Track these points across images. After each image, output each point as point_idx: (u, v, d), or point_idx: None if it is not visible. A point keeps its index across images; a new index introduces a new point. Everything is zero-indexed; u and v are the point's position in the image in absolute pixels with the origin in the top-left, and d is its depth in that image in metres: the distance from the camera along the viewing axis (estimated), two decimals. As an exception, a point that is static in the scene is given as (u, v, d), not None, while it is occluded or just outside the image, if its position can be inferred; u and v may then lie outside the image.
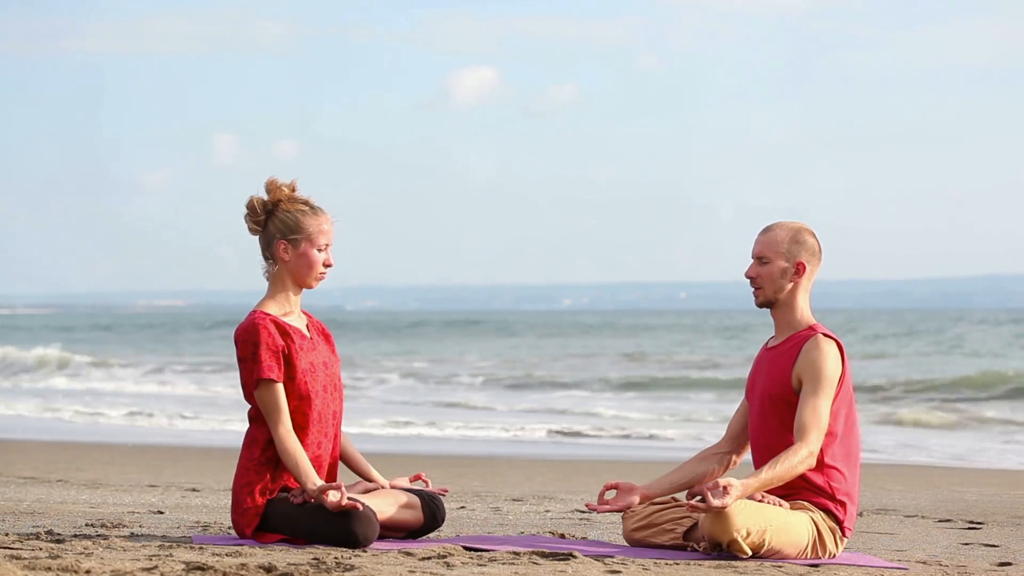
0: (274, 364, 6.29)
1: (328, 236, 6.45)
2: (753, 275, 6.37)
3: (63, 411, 24.37)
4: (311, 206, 6.44)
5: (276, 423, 6.27)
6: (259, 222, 6.44)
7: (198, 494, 9.70)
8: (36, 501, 8.75)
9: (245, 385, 6.35)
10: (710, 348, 57.96)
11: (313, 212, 6.43)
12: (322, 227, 6.42)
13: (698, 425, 22.73)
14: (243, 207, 6.45)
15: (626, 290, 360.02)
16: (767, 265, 6.35)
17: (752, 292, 6.40)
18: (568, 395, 32.07)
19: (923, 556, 6.63)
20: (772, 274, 6.34)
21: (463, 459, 15.25)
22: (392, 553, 6.03)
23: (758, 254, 6.37)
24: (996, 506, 9.75)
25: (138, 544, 6.19)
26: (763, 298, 6.38)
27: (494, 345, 64.70)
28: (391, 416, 23.46)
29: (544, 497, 9.93)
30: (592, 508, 6.43)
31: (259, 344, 6.29)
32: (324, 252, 6.44)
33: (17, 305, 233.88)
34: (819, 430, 6.14)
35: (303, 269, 6.41)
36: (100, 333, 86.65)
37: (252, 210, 6.45)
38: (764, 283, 6.35)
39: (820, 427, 6.15)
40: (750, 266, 6.39)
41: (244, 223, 6.48)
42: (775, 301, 6.37)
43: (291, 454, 6.25)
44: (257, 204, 6.44)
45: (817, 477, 6.25)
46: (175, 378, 38.92)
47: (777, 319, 6.40)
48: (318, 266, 6.43)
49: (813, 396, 6.17)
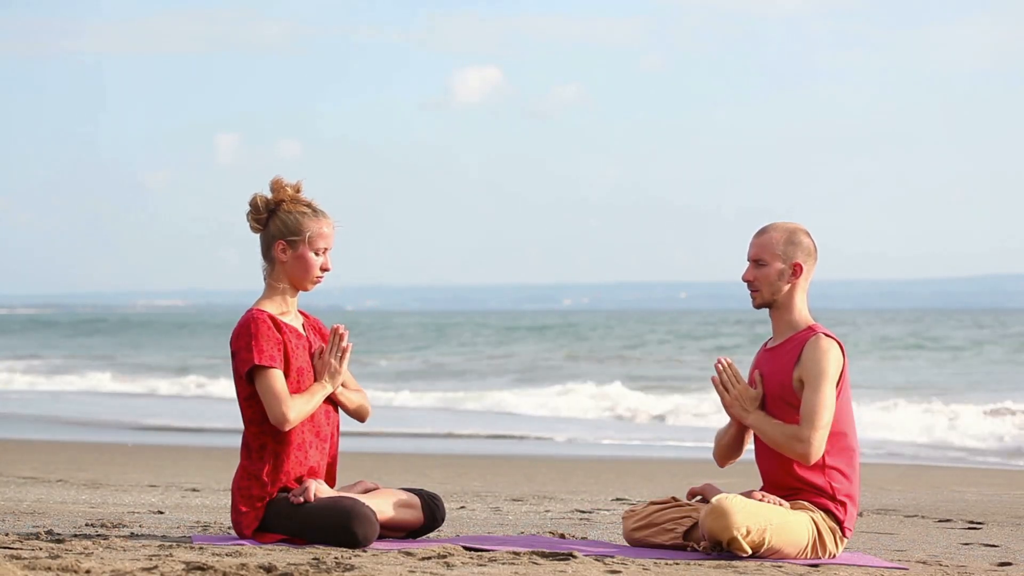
0: (275, 352, 6.26)
1: (328, 240, 6.42)
2: (750, 279, 6.36)
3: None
4: (314, 208, 6.42)
5: (281, 407, 6.22)
6: (261, 220, 6.42)
7: (198, 494, 9.69)
8: (36, 501, 8.75)
9: (239, 379, 6.30)
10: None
11: (315, 215, 6.41)
12: (322, 231, 6.40)
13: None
14: (246, 204, 6.44)
15: (626, 290, 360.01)
16: (764, 268, 6.34)
17: (750, 295, 6.40)
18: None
19: (923, 556, 6.63)
20: (769, 276, 6.33)
21: (463, 459, 15.25)
22: (392, 553, 6.03)
23: (754, 257, 6.36)
24: (996, 506, 9.75)
25: (138, 544, 6.19)
26: (761, 300, 6.37)
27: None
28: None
29: (544, 497, 9.93)
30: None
31: (257, 335, 6.25)
32: (322, 256, 6.41)
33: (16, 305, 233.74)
34: (824, 420, 6.14)
35: (299, 271, 6.39)
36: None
37: (255, 208, 6.42)
38: (762, 286, 6.35)
39: (825, 417, 6.14)
40: (747, 269, 6.38)
41: (246, 220, 6.46)
42: (773, 303, 6.37)
43: (305, 415, 6.25)
44: (260, 202, 6.42)
45: (818, 477, 6.25)
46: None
47: (775, 320, 6.40)
48: (314, 270, 6.40)
49: (817, 391, 6.17)
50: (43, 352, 57.65)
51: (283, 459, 6.29)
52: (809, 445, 6.16)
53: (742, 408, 6.30)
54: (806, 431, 6.15)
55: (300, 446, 6.31)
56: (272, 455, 6.30)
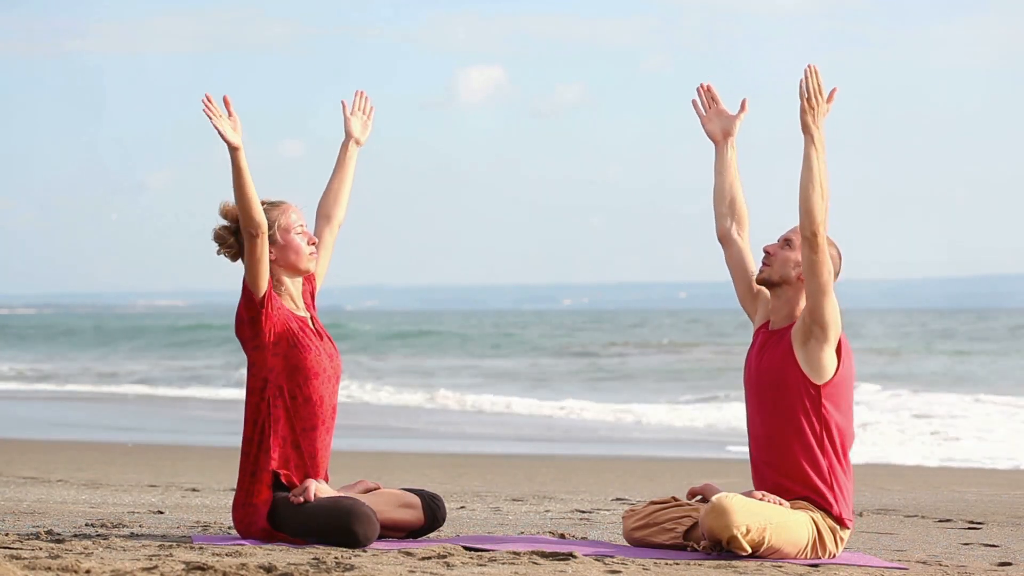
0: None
1: (299, 217, 6.49)
2: (772, 251, 6.41)
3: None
4: (270, 202, 6.48)
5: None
6: (232, 244, 6.46)
7: (198, 494, 9.69)
8: (36, 501, 8.75)
9: (240, 320, 6.36)
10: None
11: (273, 205, 6.47)
12: (288, 213, 6.48)
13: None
14: (213, 243, 6.49)
15: (626, 290, 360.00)
16: (787, 250, 6.38)
17: (760, 265, 6.43)
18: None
19: (923, 556, 6.63)
20: (788, 260, 6.36)
21: (463, 459, 15.25)
22: (392, 553, 6.03)
23: (787, 237, 6.42)
24: (996, 506, 9.75)
25: (138, 544, 6.19)
26: (767, 275, 6.40)
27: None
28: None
29: (544, 497, 9.93)
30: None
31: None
32: (303, 233, 6.46)
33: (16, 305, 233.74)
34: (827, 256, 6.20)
35: (292, 256, 6.43)
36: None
37: (221, 239, 6.48)
38: (775, 263, 6.38)
39: (827, 271, 6.20)
40: (774, 243, 6.41)
41: (223, 256, 6.50)
42: (776, 285, 6.38)
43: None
44: (223, 231, 6.48)
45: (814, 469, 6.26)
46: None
47: (777, 300, 6.40)
48: (304, 246, 6.45)
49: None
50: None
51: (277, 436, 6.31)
52: (822, 225, 6.19)
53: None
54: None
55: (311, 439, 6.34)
56: (268, 453, 6.30)
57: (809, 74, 6.28)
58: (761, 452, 6.35)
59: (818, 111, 6.26)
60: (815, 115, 6.25)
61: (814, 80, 6.28)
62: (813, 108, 6.25)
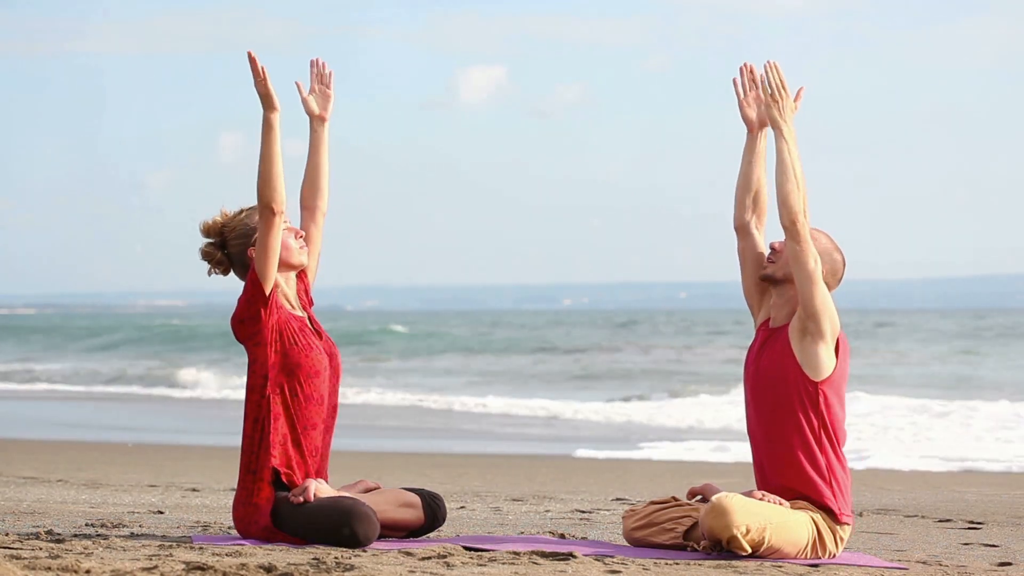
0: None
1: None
2: (778, 248, 6.41)
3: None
4: (246, 209, 6.48)
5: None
6: (222, 261, 6.46)
7: (198, 494, 9.69)
8: (36, 501, 8.75)
9: (245, 301, 6.32)
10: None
11: (253, 210, 6.46)
12: None
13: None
14: (201, 262, 6.50)
15: (626, 290, 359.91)
16: None
17: (765, 261, 6.44)
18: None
19: (923, 556, 6.63)
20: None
21: (463, 459, 15.25)
22: (392, 553, 6.03)
23: None
24: (996, 506, 9.75)
25: (138, 544, 6.19)
26: (771, 272, 6.41)
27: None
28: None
29: (544, 497, 9.93)
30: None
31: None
32: (288, 229, 6.45)
33: (16, 305, 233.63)
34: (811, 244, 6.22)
35: (282, 252, 6.41)
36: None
37: (209, 256, 6.49)
38: (780, 260, 6.39)
39: (814, 249, 6.22)
40: (781, 240, 6.42)
41: (215, 275, 6.50)
42: (779, 281, 6.39)
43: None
44: (209, 248, 6.49)
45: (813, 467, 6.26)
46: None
47: (780, 298, 6.40)
48: (292, 240, 6.44)
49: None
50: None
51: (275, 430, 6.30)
52: (803, 214, 6.20)
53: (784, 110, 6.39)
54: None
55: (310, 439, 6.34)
56: (268, 454, 6.30)
57: (769, 69, 6.36)
58: (760, 448, 6.35)
59: (784, 105, 6.34)
60: (781, 109, 6.32)
61: (775, 75, 6.36)
62: (778, 102, 6.33)
